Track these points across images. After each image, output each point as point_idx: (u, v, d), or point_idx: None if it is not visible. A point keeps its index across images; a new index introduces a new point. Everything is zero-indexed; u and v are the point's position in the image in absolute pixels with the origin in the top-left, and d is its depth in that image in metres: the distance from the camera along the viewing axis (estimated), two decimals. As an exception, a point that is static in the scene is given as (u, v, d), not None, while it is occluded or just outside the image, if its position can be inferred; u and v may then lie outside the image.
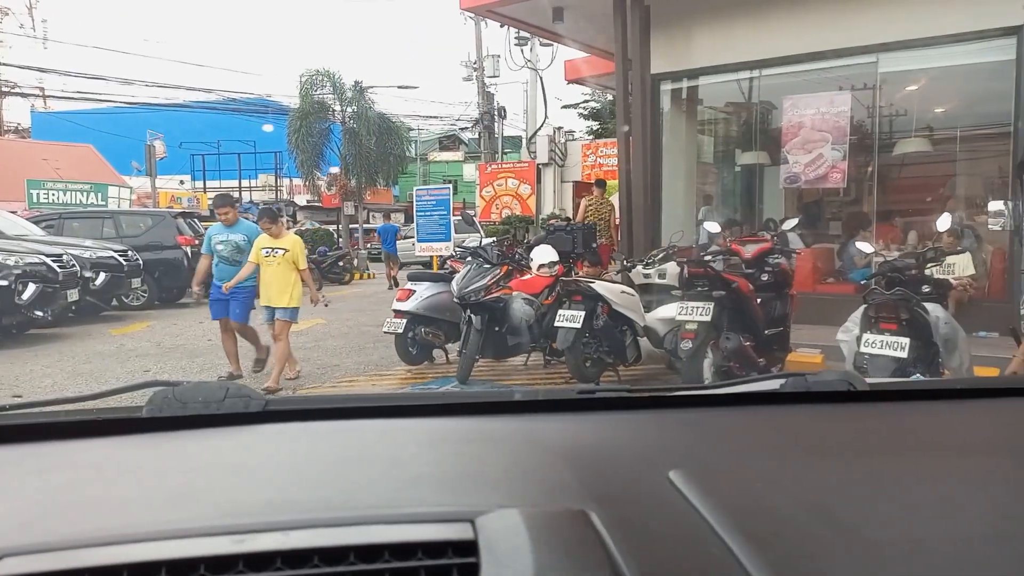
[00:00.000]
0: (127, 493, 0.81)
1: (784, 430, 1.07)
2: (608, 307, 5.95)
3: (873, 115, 8.66)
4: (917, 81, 8.72)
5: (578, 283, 5.95)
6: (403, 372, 7.07)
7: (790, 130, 8.59)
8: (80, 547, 0.64)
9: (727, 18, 8.71)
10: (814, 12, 8.15)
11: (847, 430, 1.07)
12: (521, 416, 1.11)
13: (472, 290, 6.35)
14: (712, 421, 1.10)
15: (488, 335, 6.49)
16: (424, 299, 7.00)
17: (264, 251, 6.41)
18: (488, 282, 6.43)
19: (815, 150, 8.42)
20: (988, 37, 7.44)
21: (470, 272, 6.54)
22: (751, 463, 0.91)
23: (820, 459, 0.94)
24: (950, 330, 4.75)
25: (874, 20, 7.74)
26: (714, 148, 11.26)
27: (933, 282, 5.14)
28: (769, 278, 5.95)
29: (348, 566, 0.62)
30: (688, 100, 9.96)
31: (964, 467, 0.91)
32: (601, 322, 5.89)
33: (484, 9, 9.35)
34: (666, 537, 0.69)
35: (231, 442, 0.97)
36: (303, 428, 1.02)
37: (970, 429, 1.09)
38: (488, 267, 6.57)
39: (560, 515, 0.69)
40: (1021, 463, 0.92)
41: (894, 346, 4.36)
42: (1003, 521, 0.74)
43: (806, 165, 8.50)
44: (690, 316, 5.13)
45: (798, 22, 8.24)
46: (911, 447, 1.01)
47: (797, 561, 0.64)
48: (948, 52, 7.82)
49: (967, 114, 8.93)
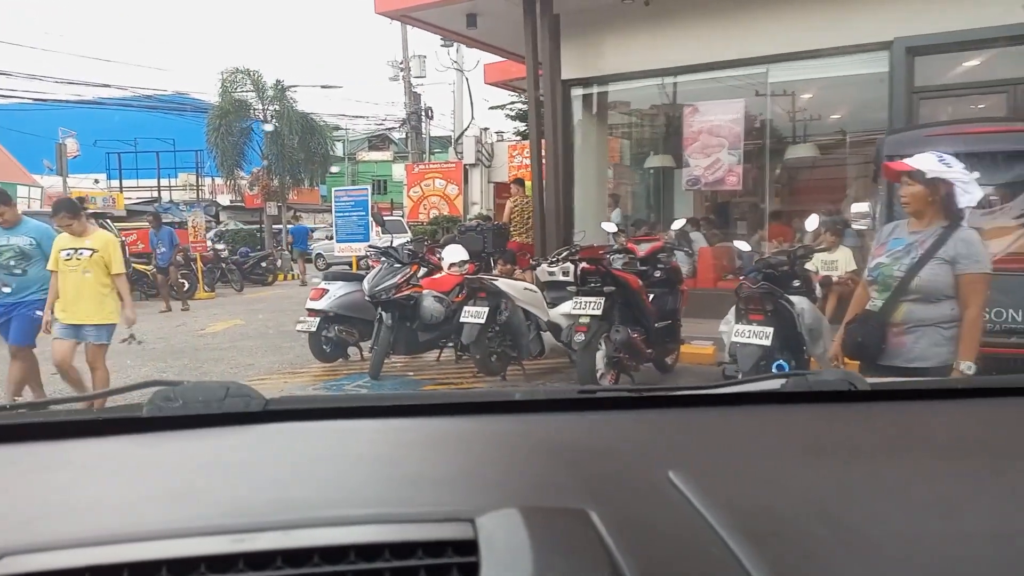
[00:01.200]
0: (127, 493, 0.81)
1: (784, 430, 1.07)
2: (512, 303, 6.25)
3: (765, 122, 9.26)
4: (804, 91, 9.37)
5: (482, 281, 6.24)
6: (317, 370, 7.22)
7: (691, 135, 9.11)
8: (80, 547, 0.64)
9: (632, 28, 9.16)
10: (710, 25, 8.67)
11: (847, 430, 1.07)
12: (521, 416, 1.12)
13: (383, 288, 6.57)
14: (712, 421, 1.10)
15: (400, 332, 6.72)
16: (337, 298, 7.16)
17: (64, 254, 5.08)
18: (398, 280, 6.66)
19: (713, 154, 8.96)
20: (865, 51, 8.08)
21: (381, 271, 6.75)
22: (751, 463, 0.91)
23: (820, 459, 0.94)
24: (814, 320, 5.23)
25: (763, 34, 8.31)
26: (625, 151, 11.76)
27: (802, 277, 5.64)
28: (662, 275, 6.37)
29: (348, 565, 0.62)
30: (599, 105, 10.38)
31: (964, 467, 0.91)
32: (504, 317, 6.19)
33: (399, 13, 9.54)
34: (666, 537, 0.69)
35: (231, 442, 0.96)
36: (303, 428, 1.02)
37: (970, 429, 1.08)
38: (399, 266, 6.79)
39: (560, 515, 0.70)
40: (1021, 463, 0.92)
41: (760, 335, 4.80)
42: (1003, 521, 0.74)
43: (705, 168, 9.03)
44: (583, 311, 5.48)
45: (696, 34, 8.75)
46: (911, 447, 1.01)
47: (797, 561, 0.64)
48: (831, 64, 8.45)
49: (851, 121, 9.64)
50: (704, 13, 8.64)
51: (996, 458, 0.94)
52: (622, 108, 10.78)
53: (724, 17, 8.56)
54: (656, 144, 10.69)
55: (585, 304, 5.48)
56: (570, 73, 9.60)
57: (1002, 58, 7.57)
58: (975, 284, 2.98)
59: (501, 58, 12.19)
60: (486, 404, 1.20)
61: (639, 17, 8.97)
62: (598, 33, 9.51)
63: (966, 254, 3.00)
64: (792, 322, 4.99)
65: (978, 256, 3.01)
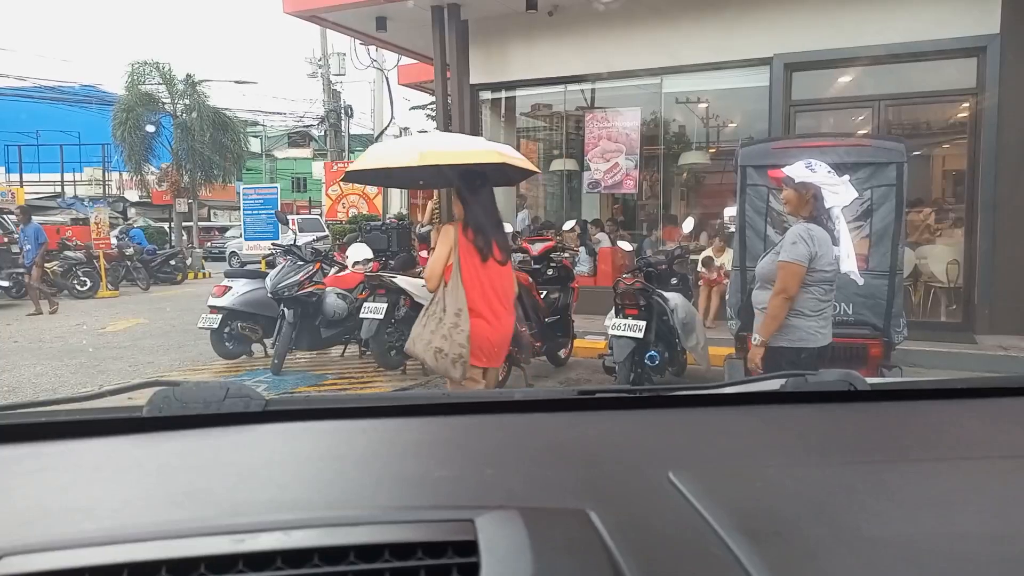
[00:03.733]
0: (127, 493, 0.81)
1: (784, 430, 1.07)
2: (410, 299, 6.49)
3: (660, 129, 9.80)
4: (696, 101, 9.95)
5: (381, 278, 6.45)
6: (219, 367, 7.26)
7: (591, 141, 9.55)
8: (80, 547, 0.64)
9: (537, 37, 9.52)
10: (609, 37, 9.11)
11: (847, 430, 1.08)
12: (521, 416, 1.12)
13: (285, 285, 6.69)
14: (712, 421, 1.10)
15: (303, 328, 6.85)
16: (240, 295, 7.22)
17: None
18: (300, 278, 6.80)
19: (612, 159, 9.42)
20: (749, 65, 8.67)
21: (284, 268, 6.87)
22: (751, 463, 0.91)
23: (820, 459, 0.94)
24: (687, 315, 5.67)
25: (658, 47, 8.81)
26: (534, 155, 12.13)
27: (679, 276, 6.10)
28: (554, 272, 6.73)
29: (348, 566, 0.62)
30: (506, 109, 10.71)
31: (964, 467, 0.91)
32: (402, 313, 6.42)
33: (308, 14, 9.61)
34: (666, 537, 0.69)
35: (231, 442, 0.96)
36: (303, 428, 1.02)
37: (970, 429, 1.08)
38: (301, 263, 6.93)
39: (560, 515, 0.70)
40: (1021, 463, 0.92)
41: (634, 328, 5.19)
42: (1003, 521, 0.74)
43: (605, 172, 9.48)
44: (475, 306, 5.76)
45: (596, 45, 9.18)
46: (911, 447, 1.01)
47: (797, 561, 0.65)
48: (719, 77, 9.04)
49: (739, 131, 10.26)
50: (604, 25, 9.07)
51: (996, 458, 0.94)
52: (529, 113, 11.14)
53: (622, 30, 9.02)
54: (561, 149, 11.10)
55: (477, 300, 5.76)
56: (478, 78, 9.89)
57: (870, 76, 8.28)
58: (778, 270, 3.42)
59: (414, 60, 12.38)
60: (486, 404, 1.20)
61: (544, 26, 9.35)
62: (505, 40, 9.83)
63: (784, 245, 3.44)
64: (666, 316, 5.42)
65: (787, 246, 3.41)
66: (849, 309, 4.45)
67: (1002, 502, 0.80)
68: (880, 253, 4.43)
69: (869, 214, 4.45)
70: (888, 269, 4.39)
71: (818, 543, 0.68)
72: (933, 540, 0.70)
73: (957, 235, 8.10)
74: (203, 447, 0.95)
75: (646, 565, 0.62)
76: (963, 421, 1.12)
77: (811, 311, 3.47)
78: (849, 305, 4.45)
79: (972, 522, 0.74)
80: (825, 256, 3.42)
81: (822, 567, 0.64)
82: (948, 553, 0.67)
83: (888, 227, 4.39)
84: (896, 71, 8.06)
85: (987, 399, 1.24)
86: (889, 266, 4.39)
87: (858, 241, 4.43)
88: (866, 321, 4.44)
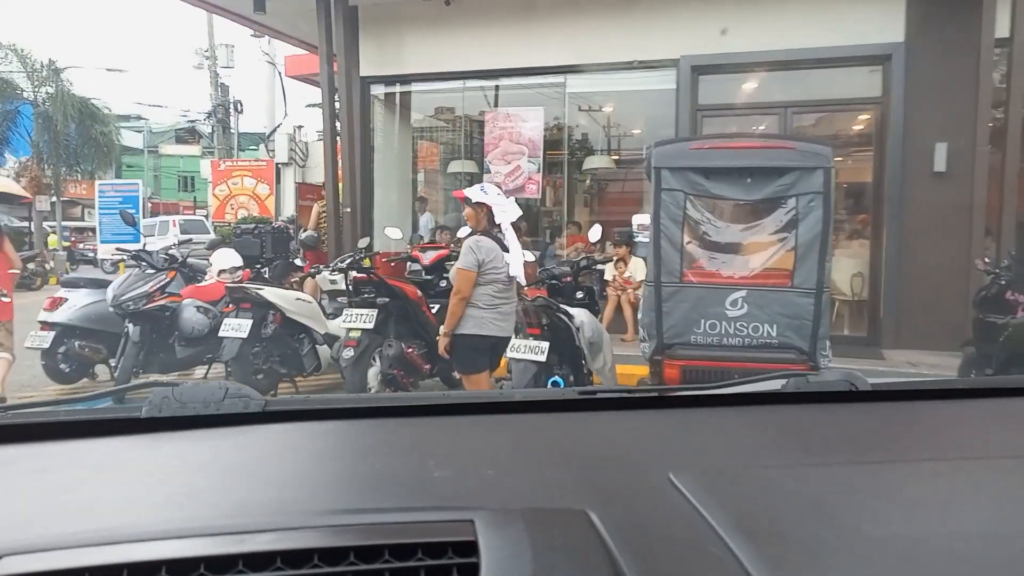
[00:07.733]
0: (127, 493, 0.81)
1: (785, 430, 1.07)
2: (281, 315, 5.64)
3: (564, 132, 9.28)
4: (602, 102, 9.50)
5: (245, 290, 5.55)
6: (53, 393, 6.16)
7: (491, 142, 8.91)
8: (80, 547, 0.63)
9: (434, 28, 8.83)
10: (511, 30, 8.53)
11: (848, 430, 1.07)
12: (521, 416, 1.12)
13: (130, 298, 5.71)
14: (712, 421, 1.10)
15: (153, 347, 5.88)
16: (79, 308, 6.17)
17: None
18: (150, 289, 5.82)
19: (514, 162, 8.82)
20: (656, 67, 8.28)
21: (130, 278, 5.88)
22: (751, 463, 0.91)
23: (821, 459, 0.94)
24: (595, 334, 5.09)
25: (561, 43, 8.28)
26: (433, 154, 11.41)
27: (585, 289, 5.53)
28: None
29: (348, 566, 0.62)
30: (401, 105, 9.95)
31: (964, 467, 0.91)
32: (271, 330, 5.56)
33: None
34: (666, 537, 0.69)
35: (230, 442, 0.96)
36: (303, 428, 1.02)
37: (970, 429, 1.09)
38: (152, 272, 5.95)
39: (560, 516, 0.70)
40: (1021, 463, 0.92)
41: (535, 350, 4.57)
42: (1003, 521, 0.74)
43: (506, 175, 8.86)
44: (354, 323, 5.00)
45: (496, 39, 8.58)
46: (912, 447, 1.02)
47: (797, 561, 0.65)
48: (625, 78, 8.60)
49: (646, 135, 9.89)
50: (504, 18, 8.49)
51: (996, 458, 0.95)
52: (427, 110, 10.43)
53: (524, 23, 8.46)
54: (460, 149, 10.44)
55: (356, 317, 5.00)
56: (369, 70, 9.11)
57: (777, 82, 8.04)
58: (455, 276, 4.18)
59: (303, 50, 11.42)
60: (486, 404, 1.20)
61: (441, 17, 8.66)
62: (399, 30, 9.09)
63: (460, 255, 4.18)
64: (570, 336, 4.82)
65: (461, 256, 4.18)
66: (773, 331, 3.97)
67: (1002, 502, 0.79)
68: (806, 269, 3.97)
69: (794, 225, 3.99)
70: (815, 287, 3.94)
71: (818, 543, 0.68)
72: (933, 540, 0.70)
73: (860, 247, 7.96)
74: (202, 447, 0.95)
75: (646, 565, 0.62)
76: (963, 421, 1.13)
77: (485, 305, 4.16)
78: (772, 326, 3.97)
79: (972, 522, 0.73)
80: (492, 262, 4.14)
81: (822, 567, 0.64)
82: (948, 553, 0.67)
83: (815, 240, 3.93)
84: (804, 78, 7.87)
85: (987, 399, 1.26)
86: (816, 283, 3.94)
87: (783, 255, 3.96)
88: (791, 344, 3.97)
